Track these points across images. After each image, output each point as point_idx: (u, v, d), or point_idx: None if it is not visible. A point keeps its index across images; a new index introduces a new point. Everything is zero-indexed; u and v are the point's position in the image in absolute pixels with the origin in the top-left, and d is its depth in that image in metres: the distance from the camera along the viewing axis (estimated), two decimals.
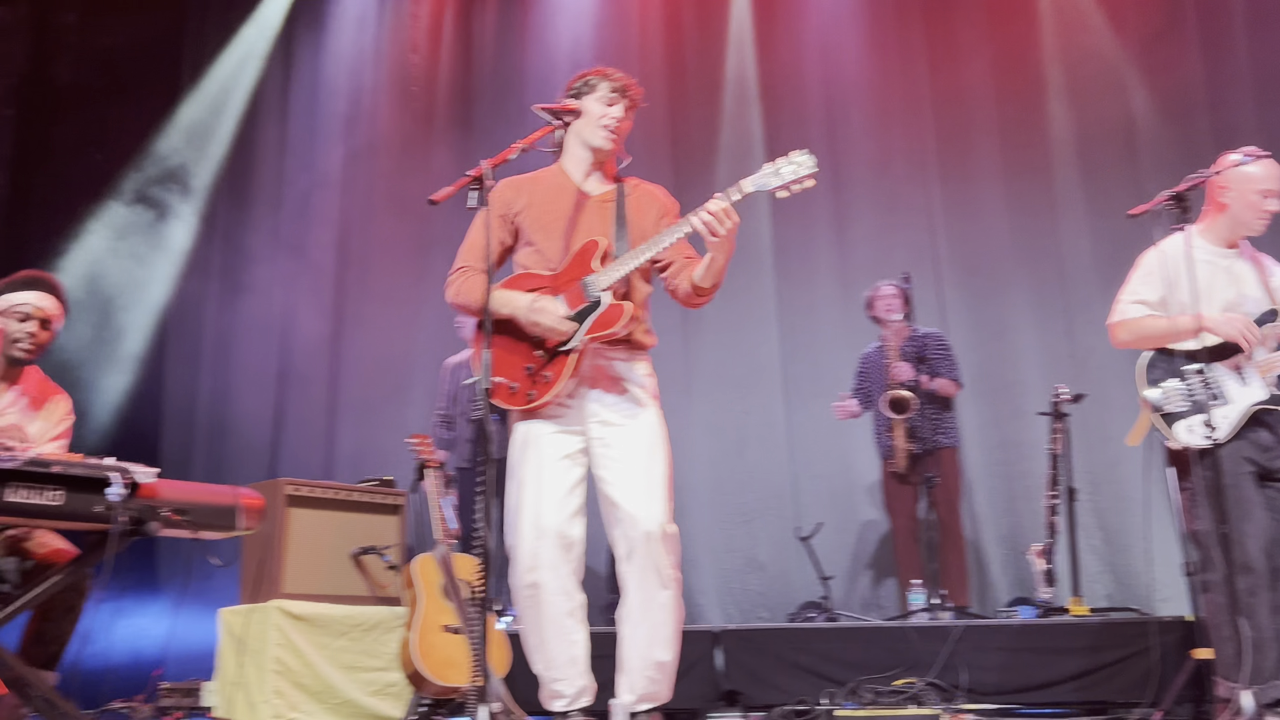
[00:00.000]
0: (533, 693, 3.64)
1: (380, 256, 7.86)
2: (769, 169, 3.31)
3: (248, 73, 8.36)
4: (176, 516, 3.41)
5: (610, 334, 3.42)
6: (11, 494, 3.14)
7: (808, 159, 3.28)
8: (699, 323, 7.16)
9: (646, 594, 3.38)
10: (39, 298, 3.96)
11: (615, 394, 3.51)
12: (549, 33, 7.86)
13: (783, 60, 7.47)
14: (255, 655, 4.59)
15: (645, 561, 3.36)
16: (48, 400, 4.07)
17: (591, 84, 3.61)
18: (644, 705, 3.43)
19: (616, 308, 3.42)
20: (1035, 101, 6.98)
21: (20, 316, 3.91)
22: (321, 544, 4.90)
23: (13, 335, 3.89)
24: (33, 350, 3.94)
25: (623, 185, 3.66)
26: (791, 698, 4.73)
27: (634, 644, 3.41)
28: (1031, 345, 6.71)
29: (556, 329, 3.42)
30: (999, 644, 4.75)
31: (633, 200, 3.63)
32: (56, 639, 3.64)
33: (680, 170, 7.39)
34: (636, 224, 3.57)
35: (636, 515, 3.38)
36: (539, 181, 3.68)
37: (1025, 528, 6.44)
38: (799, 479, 7.01)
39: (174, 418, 7.89)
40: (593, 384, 3.51)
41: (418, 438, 5.20)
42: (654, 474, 3.44)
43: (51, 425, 4.04)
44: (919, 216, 7.08)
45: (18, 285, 3.98)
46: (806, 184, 3.28)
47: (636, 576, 3.39)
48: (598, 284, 3.44)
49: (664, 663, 3.42)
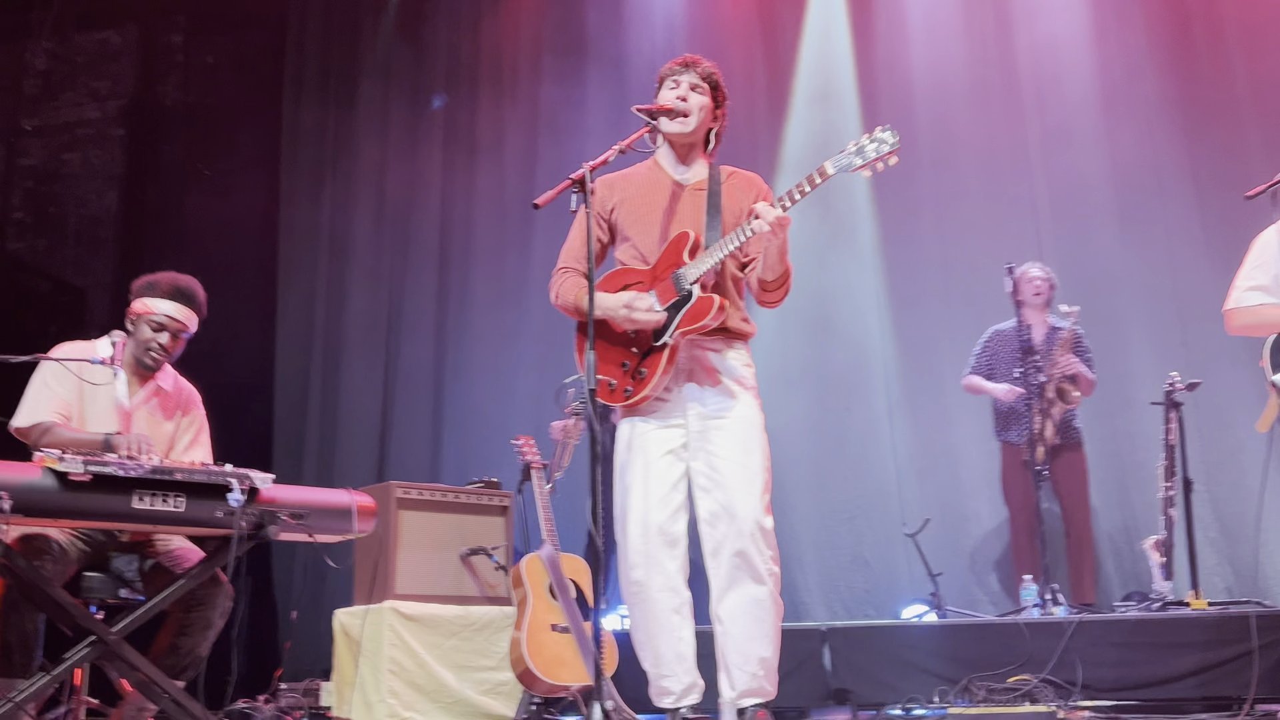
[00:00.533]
0: (640, 691, 3.66)
1: (483, 258, 7.94)
2: (851, 148, 3.26)
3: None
4: (294, 520, 3.47)
5: (701, 327, 3.41)
6: (138, 501, 3.23)
7: (890, 135, 3.22)
8: (798, 316, 7.10)
9: (742, 589, 3.36)
10: (175, 309, 3.93)
11: (713, 385, 3.50)
12: (644, 27, 7.86)
13: (882, 47, 7.37)
14: (370, 655, 4.68)
15: (739, 557, 3.34)
16: (180, 400, 4.12)
17: (661, 77, 3.65)
18: (748, 701, 3.41)
19: (706, 300, 3.41)
20: (1139, 81, 6.81)
21: (155, 326, 3.90)
22: (431, 545, 4.99)
23: (144, 342, 3.91)
24: (160, 360, 3.95)
25: (717, 172, 3.65)
26: (902, 696, 4.68)
27: (733, 640, 3.40)
28: (1141, 333, 6.54)
29: (649, 322, 3.43)
30: (1115, 639, 4.64)
31: (727, 188, 3.62)
32: (190, 652, 3.68)
33: (776, 158, 7.36)
34: (730, 212, 3.56)
35: (732, 508, 3.37)
36: (633, 177, 3.70)
37: (1139, 520, 6.28)
38: (903, 474, 6.92)
39: (284, 422, 8.06)
40: (690, 375, 3.52)
41: (522, 439, 5.26)
42: (751, 467, 3.43)
43: (184, 427, 4.10)
44: (1023, 205, 6.95)
45: (161, 291, 3.94)
46: (890, 161, 3.23)
47: (729, 572, 3.37)
48: (687, 277, 3.44)
49: (765, 658, 3.39)
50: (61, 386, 3.83)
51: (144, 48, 9.04)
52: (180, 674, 3.69)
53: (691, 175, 3.65)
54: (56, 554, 3.56)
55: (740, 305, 3.60)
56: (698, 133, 3.63)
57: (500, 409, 7.58)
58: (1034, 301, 6.10)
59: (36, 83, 9.14)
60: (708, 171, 3.65)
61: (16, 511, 3.00)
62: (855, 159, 3.25)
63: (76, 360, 3.78)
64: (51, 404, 3.79)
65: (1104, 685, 4.54)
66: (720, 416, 3.47)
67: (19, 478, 3.06)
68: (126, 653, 3.38)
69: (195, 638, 3.69)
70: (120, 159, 8.89)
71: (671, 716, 3.49)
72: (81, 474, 3.12)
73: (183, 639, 3.69)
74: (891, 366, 7.07)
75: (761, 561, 3.35)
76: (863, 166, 3.25)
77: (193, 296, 4.01)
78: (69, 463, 3.10)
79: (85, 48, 9.12)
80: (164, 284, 3.98)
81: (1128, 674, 4.57)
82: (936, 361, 6.79)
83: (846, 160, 3.26)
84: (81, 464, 3.12)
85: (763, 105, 7.52)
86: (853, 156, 3.26)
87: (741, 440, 3.45)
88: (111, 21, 9.05)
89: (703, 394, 3.50)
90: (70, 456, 3.11)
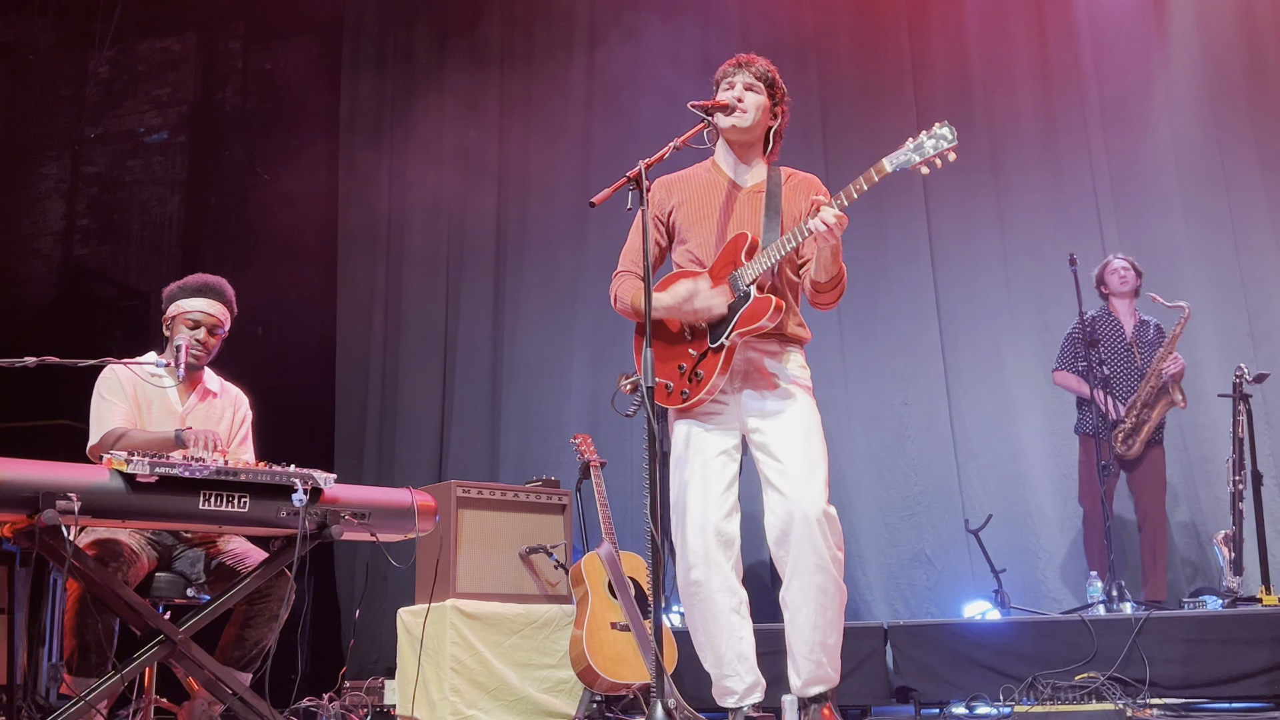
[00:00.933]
0: (700, 689, 3.66)
1: (538, 256, 7.96)
2: (910, 145, 3.23)
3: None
4: (356, 520, 3.50)
5: (757, 328, 3.40)
6: (204, 502, 3.28)
7: (948, 131, 3.19)
8: (855, 314, 7.07)
9: (806, 577, 3.35)
10: (208, 304, 4.03)
11: (769, 388, 3.50)
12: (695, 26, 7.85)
13: (938, 38, 7.30)
14: (433, 654, 4.71)
15: (804, 544, 3.34)
16: (230, 400, 4.20)
17: (717, 77, 3.65)
18: (813, 689, 3.41)
19: (763, 301, 3.40)
20: (1201, 68, 6.68)
21: (191, 324, 4.00)
22: (491, 544, 5.01)
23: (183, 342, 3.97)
24: (202, 356, 4.03)
25: (777, 174, 3.64)
26: (966, 694, 4.63)
27: (797, 629, 3.40)
28: (1207, 324, 6.42)
29: (712, 310, 3.41)
30: (1184, 635, 4.56)
31: (787, 190, 3.60)
32: (257, 644, 3.75)
33: (831, 151, 7.31)
34: (789, 214, 3.54)
35: (794, 496, 3.36)
36: (690, 179, 3.69)
37: (1207, 515, 6.18)
38: (964, 470, 6.84)
39: (344, 422, 8.14)
40: (746, 378, 3.51)
41: (580, 438, 5.27)
42: (812, 456, 3.42)
43: (235, 427, 4.17)
44: (1084, 194, 6.84)
45: (189, 291, 4.06)
46: (949, 157, 3.20)
47: (795, 560, 3.36)
48: (744, 277, 3.43)
49: (828, 645, 3.40)
50: (118, 398, 3.92)
51: (203, 55, 9.18)
52: (248, 665, 3.76)
53: (750, 177, 3.63)
54: (128, 556, 3.63)
55: (796, 310, 3.59)
56: (755, 131, 3.61)
57: (556, 407, 7.60)
58: (1121, 290, 6.02)
59: (99, 91, 9.32)
60: (766, 173, 3.64)
61: (85, 513, 3.05)
62: (913, 156, 3.22)
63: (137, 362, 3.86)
64: (115, 413, 3.88)
65: (1172, 682, 4.46)
66: (778, 413, 3.47)
67: (87, 479, 3.12)
68: (194, 651, 3.43)
69: (261, 629, 3.76)
70: (182, 165, 9.03)
71: (734, 715, 3.48)
72: (148, 475, 3.17)
73: (249, 631, 3.76)
74: (951, 359, 6.99)
75: (826, 548, 3.35)
76: (921, 163, 3.22)
77: (221, 292, 4.10)
78: (136, 464, 3.15)
79: (146, 56, 9.29)
80: (192, 284, 4.09)
81: (1197, 671, 4.48)
82: (998, 353, 6.71)
83: (905, 157, 3.23)
84: (148, 465, 3.17)
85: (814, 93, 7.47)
86: (910, 154, 3.23)
87: (801, 431, 3.45)
88: (172, 30, 9.21)
89: (758, 396, 3.50)
90: (137, 458, 3.16)
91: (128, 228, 9.05)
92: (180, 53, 9.23)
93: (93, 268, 9.02)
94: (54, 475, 3.07)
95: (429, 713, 4.66)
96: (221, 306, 4.08)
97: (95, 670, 3.51)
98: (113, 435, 3.79)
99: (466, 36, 8.47)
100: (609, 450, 6.22)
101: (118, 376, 3.96)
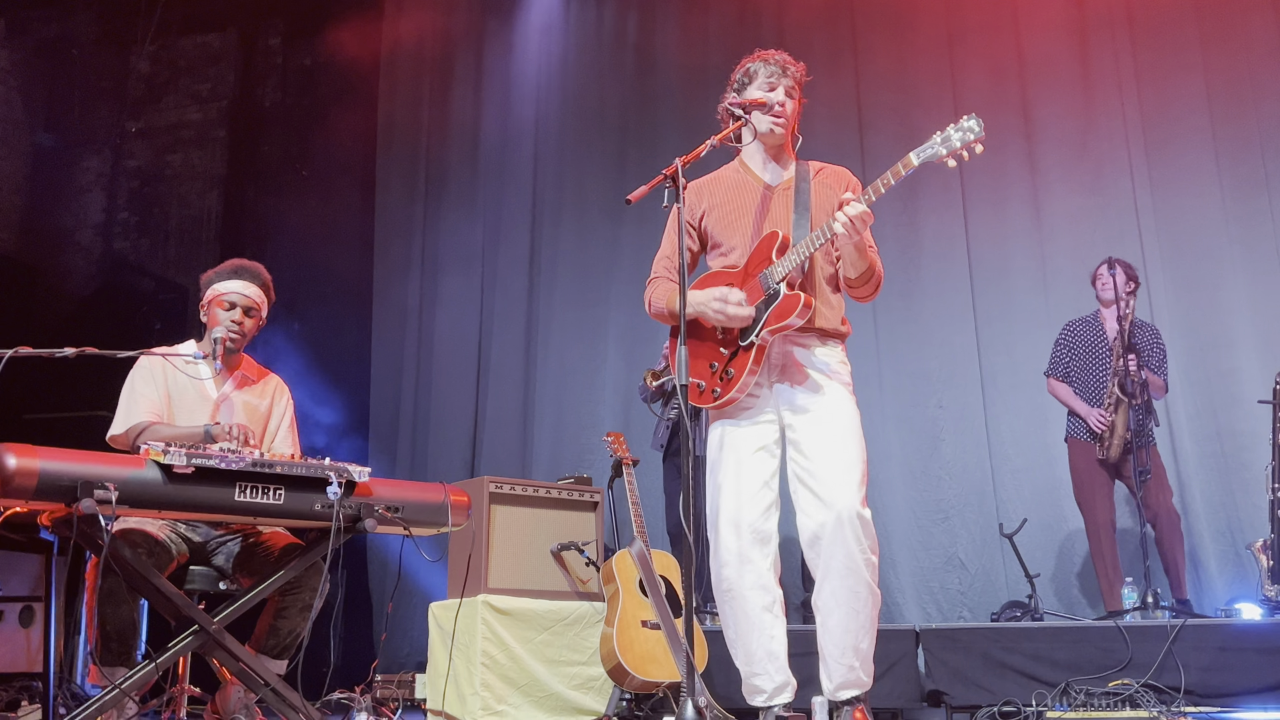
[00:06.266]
0: (730, 688, 3.65)
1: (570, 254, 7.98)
2: (937, 138, 3.19)
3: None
4: (390, 514, 3.51)
5: (787, 325, 3.38)
6: (240, 494, 3.30)
7: (975, 123, 3.14)
8: (890, 315, 7.04)
9: (838, 580, 3.32)
10: (244, 286, 4.05)
11: (806, 382, 3.47)
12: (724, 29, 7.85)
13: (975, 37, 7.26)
14: (464, 649, 4.73)
15: (835, 547, 3.30)
16: (268, 388, 4.21)
17: (752, 72, 3.59)
18: (844, 693, 3.37)
19: (793, 298, 3.37)
20: (1245, 67, 6.61)
21: (226, 305, 4.01)
22: (523, 540, 5.02)
23: (220, 325, 3.99)
24: (238, 339, 4.03)
25: (804, 169, 3.62)
26: (998, 698, 4.60)
27: (829, 632, 3.37)
28: (1247, 329, 6.35)
29: (740, 316, 3.41)
30: (1220, 643, 4.51)
31: (815, 184, 3.58)
32: (291, 633, 3.77)
33: (866, 147, 7.29)
34: (819, 208, 3.52)
35: (829, 497, 3.33)
36: (720, 181, 3.68)
37: (1244, 522, 6.11)
38: (998, 473, 6.80)
39: (379, 417, 8.19)
40: (783, 371, 3.49)
41: (612, 436, 5.27)
42: (847, 457, 3.37)
43: (275, 415, 4.18)
44: (1122, 197, 6.78)
45: (225, 275, 4.08)
46: (976, 149, 3.15)
47: (826, 563, 3.33)
48: (774, 275, 3.41)
49: (861, 649, 3.36)
50: (149, 388, 3.94)
51: (243, 51, 9.26)
52: (282, 654, 3.78)
53: (780, 175, 3.62)
54: (152, 548, 3.64)
55: (834, 304, 3.56)
56: (788, 133, 3.61)
57: (588, 405, 7.62)
58: (1104, 297, 5.95)
59: (140, 86, 9.41)
60: (794, 169, 3.62)
61: (122, 503, 3.08)
62: (940, 149, 3.19)
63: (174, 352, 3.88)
64: (141, 405, 3.90)
65: (1208, 691, 4.42)
66: (814, 410, 3.44)
67: (125, 470, 3.14)
68: (228, 642, 3.45)
69: (294, 619, 3.77)
70: (221, 159, 9.10)
71: (763, 715, 3.47)
72: (185, 466, 3.19)
73: (282, 621, 3.77)
74: (987, 362, 6.95)
75: (860, 551, 3.31)
76: (948, 156, 3.18)
77: (257, 274, 4.12)
78: (173, 455, 3.17)
79: (187, 51, 9.37)
80: (227, 267, 4.12)
81: (1233, 680, 4.44)
82: (1031, 358, 6.66)
83: (932, 150, 3.20)
84: (185, 456, 3.19)
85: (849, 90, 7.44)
86: (938, 147, 3.19)
87: (838, 431, 3.41)
88: (212, 25, 9.29)
89: (795, 391, 3.47)
90: (175, 449, 3.19)
91: (167, 221, 9.14)
92: (220, 48, 9.30)
93: (132, 261, 9.11)
94: (92, 465, 3.09)
95: (460, 707, 4.67)
96: (257, 289, 4.09)
97: (118, 659, 3.53)
98: (135, 430, 3.82)
99: (505, 49, 8.52)
100: (641, 449, 6.23)
101: (151, 367, 3.98)
